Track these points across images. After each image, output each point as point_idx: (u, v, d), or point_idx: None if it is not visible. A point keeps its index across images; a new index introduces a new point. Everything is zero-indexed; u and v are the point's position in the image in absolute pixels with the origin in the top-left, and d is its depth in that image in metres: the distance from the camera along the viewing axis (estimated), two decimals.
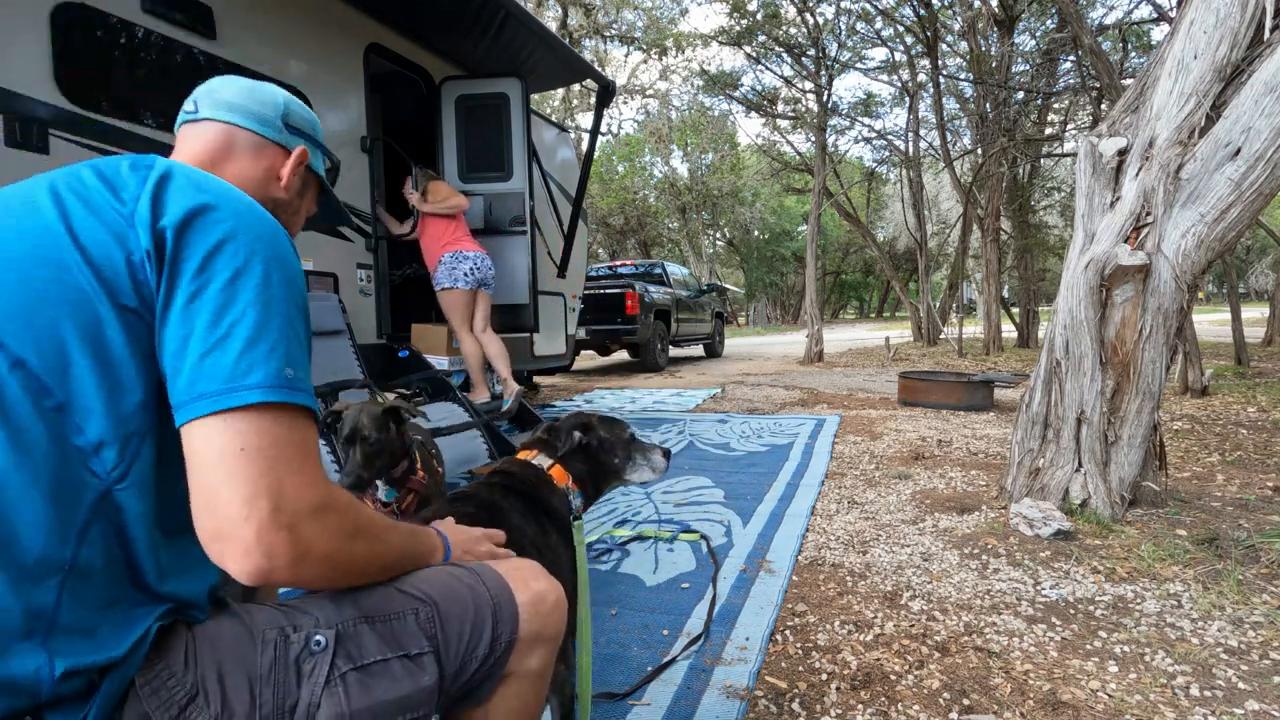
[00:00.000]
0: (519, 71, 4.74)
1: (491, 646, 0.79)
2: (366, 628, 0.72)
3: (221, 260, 0.66)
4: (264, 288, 0.67)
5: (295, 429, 0.65)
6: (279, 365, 0.65)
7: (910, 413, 5.46)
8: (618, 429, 1.47)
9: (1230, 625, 1.81)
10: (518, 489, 1.29)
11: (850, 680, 1.62)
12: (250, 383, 0.63)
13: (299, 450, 0.65)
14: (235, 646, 0.66)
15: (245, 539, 0.60)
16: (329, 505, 0.66)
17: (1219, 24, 2.47)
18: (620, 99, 21.83)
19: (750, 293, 34.29)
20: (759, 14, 11.87)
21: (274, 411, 0.64)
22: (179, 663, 0.63)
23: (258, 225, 0.71)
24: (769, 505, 3.01)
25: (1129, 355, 2.63)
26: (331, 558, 0.67)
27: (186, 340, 0.63)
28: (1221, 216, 2.45)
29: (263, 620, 0.69)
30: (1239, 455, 3.59)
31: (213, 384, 0.62)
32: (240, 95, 0.95)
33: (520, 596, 0.83)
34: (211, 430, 0.61)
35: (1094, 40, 6.61)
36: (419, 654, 0.73)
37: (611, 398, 7.02)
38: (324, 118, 3.85)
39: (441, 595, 0.78)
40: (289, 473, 0.63)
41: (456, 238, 4.16)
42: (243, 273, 0.66)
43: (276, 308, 0.67)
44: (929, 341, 13.13)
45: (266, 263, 0.68)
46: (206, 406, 0.62)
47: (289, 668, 0.66)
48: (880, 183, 21.94)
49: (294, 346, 0.67)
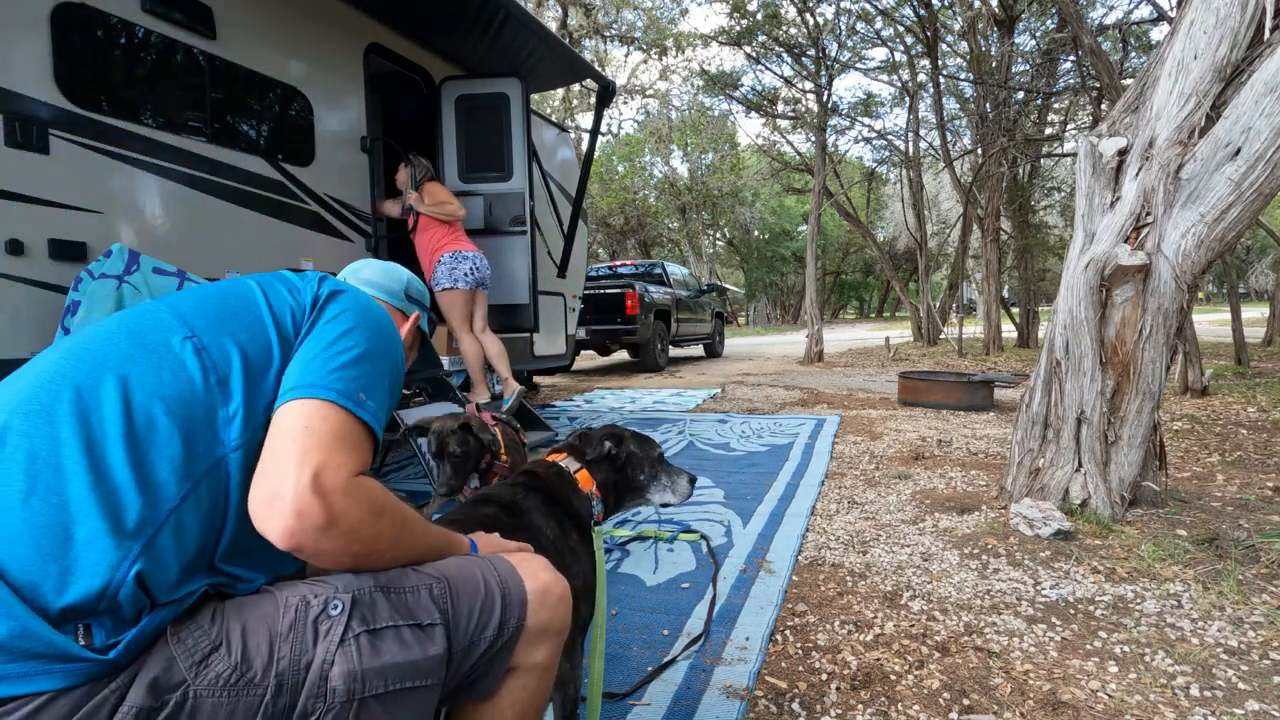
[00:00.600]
0: (519, 71, 4.74)
1: (500, 629, 0.84)
2: (381, 596, 0.79)
3: (346, 318, 0.89)
4: (369, 342, 0.87)
5: (353, 432, 0.79)
6: (358, 388, 0.82)
7: (910, 413, 5.46)
8: (648, 446, 1.49)
9: (1230, 625, 1.81)
10: (540, 489, 1.31)
11: (850, 680, 1.62)
12: (334, 388, 0.79)
13: (351, 445, 0.78)
14: (260, 609, 0.74)
15: (285, 496, 0.71)
16: (363, 486, 0.76)
17: (1219, 24, 2.47)
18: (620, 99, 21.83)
19: (750, 293, 34.29)
20: (759, 14, 11.87)
21: (342, 413, 0.78)
22: (206, 619, 0.72)
23: (375, 311, 0.94)
24: (769, 505, 3.01)
25: (1129, 355, 2.63)
26: (356, 531, 0.75)
27: (308, 352, 0.83)
28: (1221, 217, 2.45)
29: (288, 590, 0.78)
30: (1239, 455, 3.59)
31: (309, 378, 0.80)
32: (376, 274, 1.25)
33: (529, 585, 0.88)
34: (294, 409, 0.77)
35: (1094, 40, 6.61)
36: (430, 625, 0.79)
37: (611, 398, 7.02)
38: (324, 118, 3.85)
39: (454, 575, 0.85)
40: (336, 453, 0.75)
41: (455, 238, 4.15)
42: (356, 329, 0.88)
43: (374, 360, 0.86)
44: (929, 341, 13.12)
45: (374, 332, 0.89)
46: (298, 394, 0.78)
47: (307, 628, 0.73)
48: (880, 183, 21.94)
49: (375, 385, 0.85)
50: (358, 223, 4.09)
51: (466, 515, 1.20)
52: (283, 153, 3.59)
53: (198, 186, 3.11)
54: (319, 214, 3.81)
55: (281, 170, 3.57)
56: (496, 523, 1.18)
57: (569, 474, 1.37)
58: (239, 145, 3.34)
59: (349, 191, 4.03)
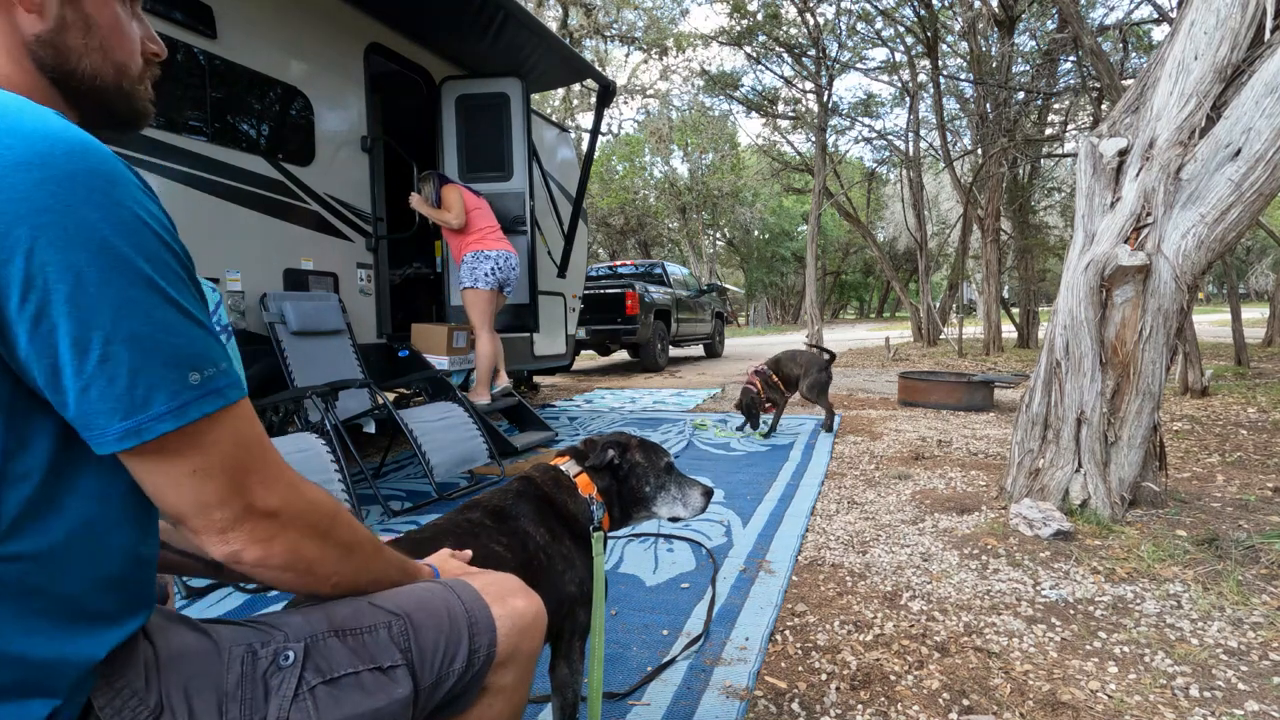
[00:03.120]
0: (519, 71, 4.75)
1: (469, 660, 0.78)
2: (336, 641, 0.71)
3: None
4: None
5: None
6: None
7: (910, 413, 5.46)
8: (655, 455, 1.42)
9: (1230, 626, 1.81)
10: (532, 494, 1.28)
11: (850, 680, 1.62)
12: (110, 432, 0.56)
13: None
14: (202, 664, 0.64)
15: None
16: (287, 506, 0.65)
17: (1219, 25, 2.47)
18: (620, 99, 21.83)
19: (750, 293, 34.29)
20: (759, 14, 11.88)
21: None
22: (139, 681, 0.61)
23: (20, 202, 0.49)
24: (769, 505, 3.01)
25: (1129, 356, 2.63)
26: (299, 550, 0.66)
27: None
28: (1222, 217, 2.45)
29: (230, 637, 0.68)
30: (1239, 456, 3.59)
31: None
32: None
33: (497, 611, 0.82)
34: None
35: (1094, 41, 6.61)
36: (391, 666, 0.72)
37: (611, 397, 7.02)
38: (324, 118, 3.85)
39: (415, 609, 0.77)
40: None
41: (479, 237, 4.18)
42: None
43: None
44: (929, 342, 13.12)
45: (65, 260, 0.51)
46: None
47: (256, 683, 0.65)
48: (880, 183, 21.94)
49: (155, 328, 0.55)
50: (358, 222, 4.09)
51: (450, 522, 1.18)
52: (283, 152, 3.59)
53: (198, 186, 3.11)
54: (319, 214, 3.81)
55: (282, 170, 3.57)
56: (481, 528, 1.15)
57: (567, 477, 1.33)
58: (239, 145, 3.34)
59: (349, 191, 4.03)
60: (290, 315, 3.43)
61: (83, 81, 0.66)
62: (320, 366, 3.48)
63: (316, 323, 3.57)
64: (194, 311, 0.57)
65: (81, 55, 0.65)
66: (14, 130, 0.50)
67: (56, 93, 0.65)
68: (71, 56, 0.64)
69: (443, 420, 3.33)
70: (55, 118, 0.54)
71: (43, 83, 0.64)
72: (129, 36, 0.69)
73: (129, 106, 0.71)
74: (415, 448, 3.06)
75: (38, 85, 0.63)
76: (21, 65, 0.63)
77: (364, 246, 4.14)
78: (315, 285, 3.76)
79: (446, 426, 3.29)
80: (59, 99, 0.65)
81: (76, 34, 0.64)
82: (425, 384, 4.06)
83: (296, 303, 3.49)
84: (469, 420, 3.41)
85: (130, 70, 0.69)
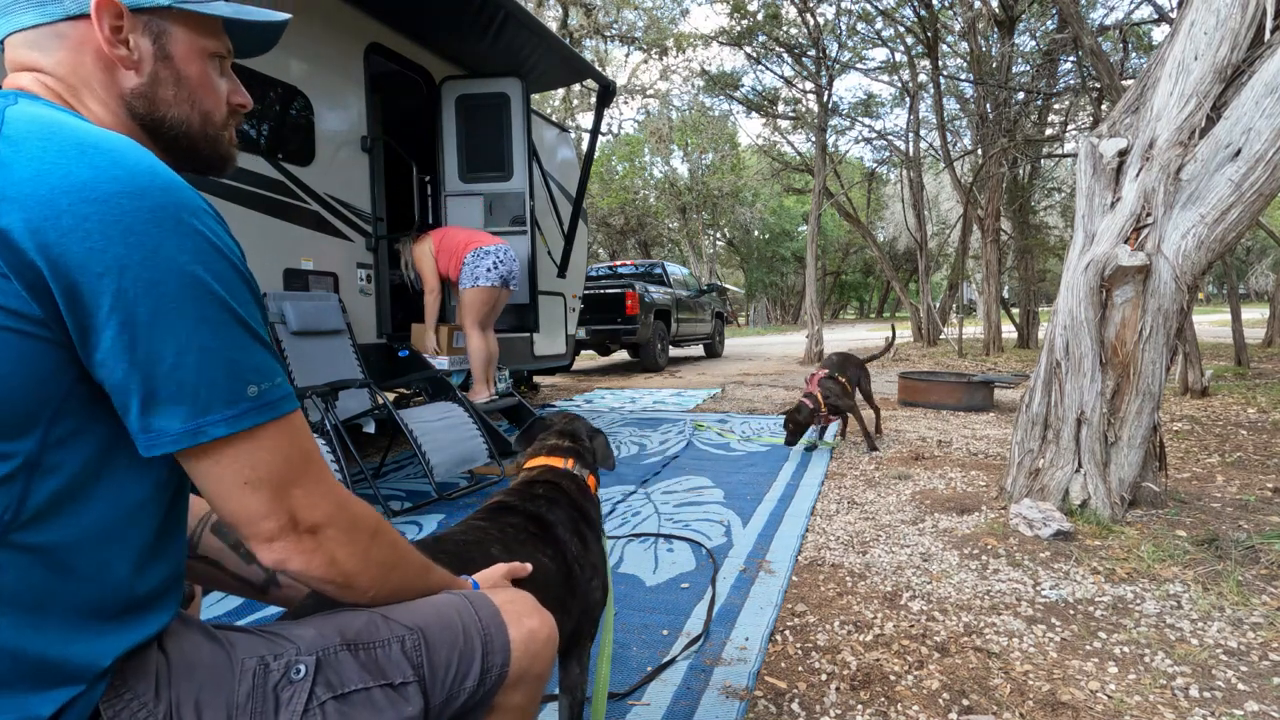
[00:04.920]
0: (519, 71, 4.75)
1: (482, 678, 0.78)
2: (348, 655, 0.71)
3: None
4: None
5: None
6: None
7: (910, 413, 5.46)
8: (602, 433, 1.48)
9: (1230, 626, 1.81)
10: (564, 501, 1.27)
11: (850, 680, 1.62)
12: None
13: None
14: (214, 675, 0.65)
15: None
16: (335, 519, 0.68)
17: (1219, 25, 2.47)
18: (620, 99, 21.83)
19: (750, 293, 34.29)
20: (759, 14, 11.88)
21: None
22: (149, 691, 0.61)
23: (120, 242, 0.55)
24: (768, 505, 3.01)
25: (1129, 356, 2.63)
26: (339, 562, 0.69)
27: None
28: (1222, 217, 2.45)
29: (243, 648, 0.68)
30: (1239, 456, 3.59)
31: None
32: None
33: (513, 632, 0.81)
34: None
35: (1094, 41, 6.61)
36: (403, 683, 0.72)
37: (611, 398, 7.02)
38: (324, 117, 3.85)
39: (429, 624, 0.77)
40: None
41: (471, 237, 4.17)
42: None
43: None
44: (929, 342, 13.12)
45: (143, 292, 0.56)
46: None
47: (267, 697, 0.66)
48: (880, 183, 21.93)
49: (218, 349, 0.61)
50: (358, 222, 4.09)
51: (490, 523, 1.14)
52: (283, 152, 3.59)
53: (197, 186, 3.11)
54: (319, 213, 3.81)
55: (282, 169, 3.57)
56: (526, 535, 1.13)
57: (583, 481, 1.34)
58: (239, 144, 3.33)
59: (349, 191, 4.03)
60: (290, 315, 3.43)
61: (172, 128, 0.74)
62: (320, 366, 3.48)
63: (316, 323, 3.57)
64: (258, 330, 0.63)
65: (171, 106, 0.73)
66: (120, 163, 0.57)
67: (147, 138, 0.72)
68: (162, 106, 0.72)
69: (443, 420, 3.33)
70: (153, 157, 0.61)
71: (135, 128, 0.72)
72: (215, 90, 0.77)
73: (213, 151, 0.79)
74: (415, 448, 3.06)
75: (131, 131, 0.71)
76: (117, 115, 0.71)
77: (364, 246, 4.14)
78: (315, 285, 3.76)
79: (446, 426, 3.29)
80: (149, 143, 0.72)
81: (168, 88, 0.73)
82: (425, 384, 4.05)
83: (296, 303, 3.49)
84: (469, 420, 3.41)
85: (214, 119, 0.77)
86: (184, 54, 0.73)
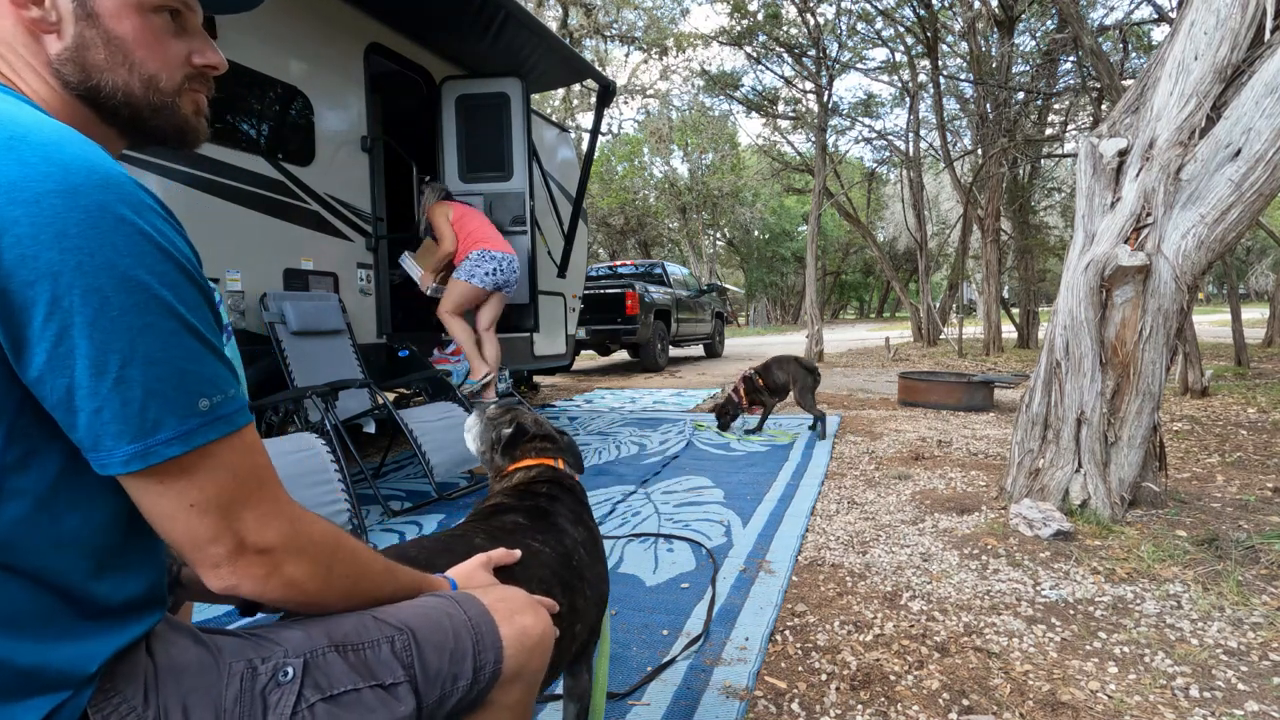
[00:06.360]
0: (519, 71, 4.75)
1: (475, 676, 0.77)
2: (337, 656, 0.70)
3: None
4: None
5: None
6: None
7: (910, 413, 5.46)
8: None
9: (1230, 626, 1.81)
10: (565, 498, 1.27)
11: (850, 680, 1.62)
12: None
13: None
14: (201, 679, 0.64)
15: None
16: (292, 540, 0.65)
17: (1219, 25, 2.47)
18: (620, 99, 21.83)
19: (750, 293, 34.30)
20: (759, 14, 11.88)
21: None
22: (138, 695, 0.60)
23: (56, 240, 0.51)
24: (769, 505, 3.01)
25: (1129, 356, 2.63)
26: (299, 584, 0.67)
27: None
28: (1222, 217, 2.45)
29: (230, 651, 0.67)
30: (1239, 456, 3.59)
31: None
32: None
33: (505, 629, 0.80)
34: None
35: (1094, 41, 6.61)
36: (393, 684, 0.71)
37: (611, 397, 7.02)
38: (324, 117, 3.85)
39: (419, 624, 0.76)
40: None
41: (485, 235, 4.18)
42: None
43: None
44: (929, 342, 13.12)
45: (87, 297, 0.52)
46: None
47: (255, 700, 0.64)
48: (880, 183, 21.94)
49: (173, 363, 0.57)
50: (358, 222, 4.09)
51: (484, 521, 1.13)
52: (283, 152, 3.59)
53: (198, 186, 3.11)
54: (319, 214, 3.81)
55: (282, 170, 3.57)
56: (520, 531, 1.11)
57: (577, 481, 1.34)
58: (239, 144, 3.34)
59: (349, 191, 4.03)
60: (290, 315, 3.43)
61: (109, 97, 0.66)
62: (320, 366, 3.48)
63: (316, 322, 3.57)
64: (210, 337, 0.59)
65: (104, 71, 0.65)
66: (51, 159, 0.52)
67: (87, 109, 0.66)
68: (94, 73, 0.65)
69: (443, 420, 3.33)
70: (92, 148, 0.55)
71: (71, 100, 0.65)
72: (160, 49, 0.68)
73: (164, 121, 0.70)
74: (415, 447, 3.06)
75: (67, 103, 0.65)
76: (52, 88, 0.64)
77: (364, 246, 4.14)
78: (315, 285, 3.76)
79: (446, 426, 3.29)
80: (90, 116, 0.67)
81: (96, 50, 0.65)
82: (425, 384, 4.05)
83: (296, 302, 3.49)
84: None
85: (160, 83, 0.69)
86: (111, 9, 0.64)
